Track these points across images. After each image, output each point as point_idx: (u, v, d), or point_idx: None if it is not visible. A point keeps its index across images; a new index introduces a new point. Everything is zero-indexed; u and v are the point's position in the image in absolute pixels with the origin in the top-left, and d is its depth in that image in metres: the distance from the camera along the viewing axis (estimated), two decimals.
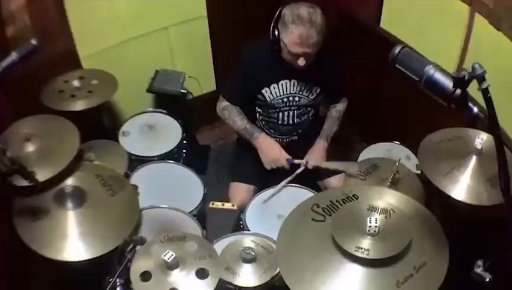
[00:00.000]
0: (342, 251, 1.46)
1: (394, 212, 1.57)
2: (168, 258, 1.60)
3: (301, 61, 2.27)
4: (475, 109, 1.08)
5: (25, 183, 1.77)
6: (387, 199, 1.65)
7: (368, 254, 1.42)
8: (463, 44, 2.42)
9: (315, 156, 2.51)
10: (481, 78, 1.04)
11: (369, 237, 1.48)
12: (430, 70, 1.10)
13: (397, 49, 1.16)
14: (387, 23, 2.98)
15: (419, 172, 2.43)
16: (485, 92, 1.05)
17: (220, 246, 1.99)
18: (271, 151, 2.46)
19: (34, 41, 1.89)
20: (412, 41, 2.74)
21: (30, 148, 2.00)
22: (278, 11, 2.27)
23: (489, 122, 1.09)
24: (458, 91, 1.07)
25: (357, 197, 1.68)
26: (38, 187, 1.89)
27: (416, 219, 1.63)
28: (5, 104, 2.38)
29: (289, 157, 2.44)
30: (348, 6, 3.21)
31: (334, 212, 1.63)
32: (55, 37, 2.65)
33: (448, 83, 1.08)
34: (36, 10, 2.51)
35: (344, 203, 1.65)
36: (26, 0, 2.46)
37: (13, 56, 1.79)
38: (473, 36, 2.37)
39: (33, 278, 2.36)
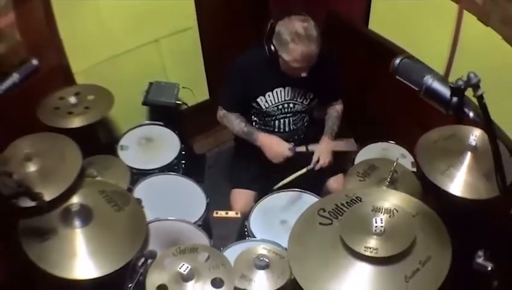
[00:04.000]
0: (351, 251, 1.57)
1: (397, 211, 1.68)
2: (184, 270, 1.69)
3: (304, 74, 2.37)
4: (471, 114, 1.18)
5: (30, 204, 1.77)
6: (390, 199, 1.77)
7: (376, 253, 1.53)
8: (452, 42, 2.51)
9: (325, 155, 2.53)
10: (476, 86, 1.14)
11: (375, 236, 1.59)
12: (429, 80, 1.20)
13: (397, 61, 1.26)
14: (375, 24, 3.07)
15: (415, 169, 2.56)
16: (480, 99, 1.16)
17: (227, 254, 2.05)
18: (273, 147, 2.55)
19: (35, 62, 1.94)
20: (402, 41, 2.87)
21: (31, 168, 2.01)
22: (268, 25, 2.35)
23: (485, 126, 1.20)
24: (455, 99, 1.17)
25: (360, 199, 1.80)
26: (45, 208, 1.88)
27: (419, 216, 1.75)
28: None
29: (291, 146, 2.54)
30: (336, 7, 3.30)
31: (340, 215, 1.74)
32: (47, 52, 2.67)
33: (446, 92, 1.19)
34: (26, 26, 2.55)
35: (349, 206, 1.77)
36: (16, 17, 2.49)
37: (14, 77, 1.83)
38: (462, 33, 2.46)
39: None
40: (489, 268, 1.57)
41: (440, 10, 2.53)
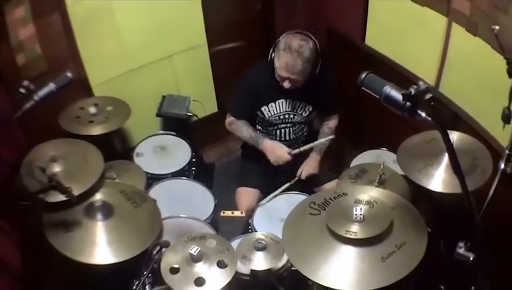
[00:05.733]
0: (335, 235, 1.91)
1: (377, 203, 2.01)
2: (194, 252, 2.04)
3: (286, 84, 2.72)
4: (423, 114, 1.50)
5: (59, 198, 1.98)
6: (371, 193, 2.10)
7: (356, 235, 1.87)
8: (441, 52, 2.77)
9: (308, 167, 2.99)
10: (425, 92, 1.47)
11: (356, 223, 1.92)
12: (387, 89, 1.54)
13: (363, 76, 1.61)
14: (371, 39, 3.40)
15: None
16: (429, 102, 1.49)
17: (233, 246, 2.33)
18: (275, 151, 2.90)
19: (69, 74, 2.16)
20: (395, 54, 3.18)
21: (57, 168, 2.23)
22: (279, 39, 2.70)
23: (437, 127, 1.52)
24: (408, 103, 1.50)
25: (346, 194, 2.13)
26: (73, 201, 2.07)
27: (398, 208, 2.07)
28: (19, 130, 2.63)
29: (290, 150, 2.88)
30: (336, 24, 3.65)
31: (328, 207, 2.08)
32: (66, 65, 2.89)
33: (400, 98, 1.52)
34: (46, 39, 2.81)
35: (335, 199, 2.11)
36: (36, 30, 2.73)
37: (51, 87, 2.08)
38: (451, 44, 2.70)
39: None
40: (471, 258, 1.75)
41: (430, 23, 2.78)
